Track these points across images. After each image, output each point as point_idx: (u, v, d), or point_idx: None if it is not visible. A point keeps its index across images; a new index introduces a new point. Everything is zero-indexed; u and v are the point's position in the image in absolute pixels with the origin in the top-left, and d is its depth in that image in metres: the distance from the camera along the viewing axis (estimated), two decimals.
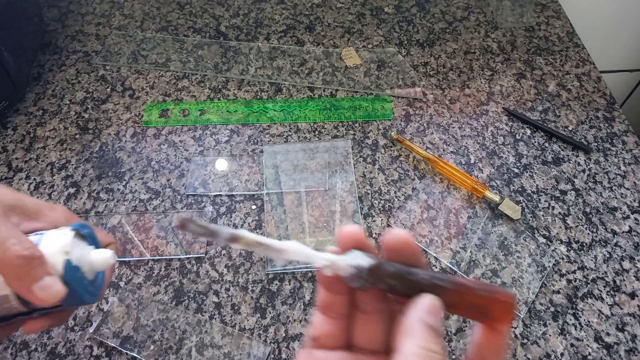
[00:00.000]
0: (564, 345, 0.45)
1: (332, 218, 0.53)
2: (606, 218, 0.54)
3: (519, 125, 0.62)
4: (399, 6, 0.76)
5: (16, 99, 0.62)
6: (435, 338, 0.19)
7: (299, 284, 0.48)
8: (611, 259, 0.51)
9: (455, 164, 0.57)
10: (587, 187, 0.56)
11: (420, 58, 0.69)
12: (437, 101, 0.64)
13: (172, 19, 0.74)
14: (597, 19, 1.04)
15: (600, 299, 0.48)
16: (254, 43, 0.70)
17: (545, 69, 0.68)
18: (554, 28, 0.74)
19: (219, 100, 0.63)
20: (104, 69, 0.67)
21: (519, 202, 0.54)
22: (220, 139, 0.59)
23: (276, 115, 0.62)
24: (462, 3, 0.77)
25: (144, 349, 0.44)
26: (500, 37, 0.72)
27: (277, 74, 0.66)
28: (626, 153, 0.59)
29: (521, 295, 0.48)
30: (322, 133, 0.60)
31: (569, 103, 0.64)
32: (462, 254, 0.50)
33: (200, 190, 0.55)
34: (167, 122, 0.61)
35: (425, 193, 0.55)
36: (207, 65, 0.67)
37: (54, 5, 0.75)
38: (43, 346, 0.44)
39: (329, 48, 0.70)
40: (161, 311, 0.46)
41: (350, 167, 0.57)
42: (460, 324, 0.46)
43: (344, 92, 0.65)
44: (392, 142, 0.59)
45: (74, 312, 0.45)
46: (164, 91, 0.64)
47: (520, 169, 0.57)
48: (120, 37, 0.71)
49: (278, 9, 0.75)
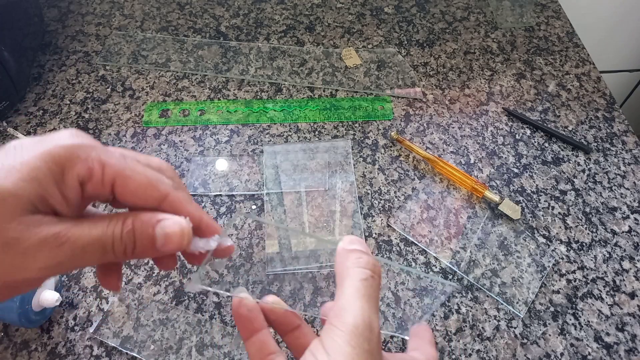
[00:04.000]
0: (564, 345, 0.45)
1: (332, 218, 0.53)
2: (606, 218, 0.54)
3: (519, 125, 0.62)
4: (399, 6, 0.76)
5: (16, 99, 0.62)
6: (366, 256, 0.23)
7: (299, 285, 0.48)
8: (611, 259, 0.51)
9: (455, 164, 0.57)
10: (586, 187, 0.56)
11: (420, 58, 0.69)
12: (437, 101, 0.64)
13: (172, 19, 0.74)
14: (597, 19, 1.04)
15: (600, 299, 0.48)
16: (254, 43, 0.70)
17: (545, 69, 0.68)
18: (553, 28, 0.74)
19: (219, 101, 0.63)
20: (104, 69, 0.67)
21: (519, 202, 0.55)
22: (220, 139, 0.60)
23: (276, 115, 0.62)
24: (462, 3, 0.77)
25: (144, 349, 0.44)
26: (500, 37, 0.72)
27: (277, 74, 0.66)
28: (626, 153, 0.59)
29: (521, 295, 0.48)
30: (322, 133, 0.60)
31: (569, 103, 0.64)
32: (462, 254, 0.50)
33: (200, 190, 0.55)
34: (167, 122, 0.61)
35: (425, 193, 0.55)
36: (207, 65, 0.67)
37: (54, 5, 0.75)
38: (43, 346, 0.44)
39: (329, 48, 0.70)
40: (161, 311, 0.46)
41: (350, 167, 0.57)
42: (460, 324, 0.46)
43: (344, 92, 0.65)
44: (392, 142, 0.59)
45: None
46: (164, 91, 0.64)
47: (520, 169, 0.57)
48: (121, 37, 0.71)
49: (278, 9, 0.75)
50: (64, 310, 0.46)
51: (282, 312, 0.26)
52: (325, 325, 0.21)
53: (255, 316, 0.25)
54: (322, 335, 0.21)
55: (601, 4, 1.01)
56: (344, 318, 0.21)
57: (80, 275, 0.49)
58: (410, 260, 0.50)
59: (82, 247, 0.20)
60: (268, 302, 0.26)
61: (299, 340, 0.27)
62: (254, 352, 0.25)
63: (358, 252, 0.23)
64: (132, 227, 0.21)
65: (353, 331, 0.20)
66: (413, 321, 0.48)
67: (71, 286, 0.48)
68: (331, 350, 0.20)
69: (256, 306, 0.25)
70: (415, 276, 0.48)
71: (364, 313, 0.21)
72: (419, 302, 0.47)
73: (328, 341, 0.20)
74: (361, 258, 0.23)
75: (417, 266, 0.50)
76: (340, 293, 0.22)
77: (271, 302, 0.26)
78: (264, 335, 0.25)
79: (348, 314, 0.21)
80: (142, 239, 0.22)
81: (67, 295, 0.47)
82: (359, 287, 0.22)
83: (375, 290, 0.22)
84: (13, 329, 0.45)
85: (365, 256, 0.23)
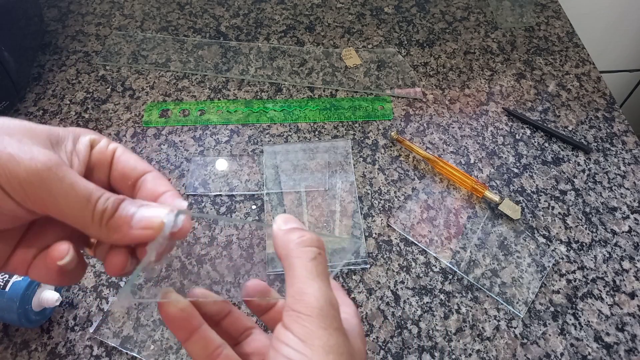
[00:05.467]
0: (564, 345, 0.45)
1: (332, 218, 0.53)
2: (606, 218, 0.54)
3: (519, 125, 0.62)
4: (399, 6, 0.76)
5: (16, 99, 0.62)
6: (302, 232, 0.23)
7: None
8: (611, 259, 0.51)
9: (455, 164, 0.57)
10: (586, 187, 0.56)
11: (420, 58, 0.69)
12: (437, 101, 0.64)
13: (172, 19, 0.74)
14: (597, 19, 1.04)
15: (600, 299, 0.48)
16: (254, 43, 0.70)
17: (545, 69, 0.68)
18: (553, 28, 0.74)
19: (219, 100, 0.63)
20: (104, 69, 0.67)
21: (519, 202, 0.55)
22: (220, 139, 0.60)
23: (276, 115, 0.62)
24: (462, 3, 0.77)
25: (144, 349, 0.44)
26: (500, 37, 0.72)
27: (277, 74, 0.66)
28: (626, 153, 0.59)
29: (521, 295, 0.48)
30: (322, 133, 0.60)
31: (569, 103, 0.64)
32: (462, 253, 0.51)
33: (200, 190, 0.55)
34: (167, 122, 0.61)
35: (425, 193, 0.55)
36: (207, 65, 0.67)
37: (54, 5, 0.75)
38: (43, 346, 0.44)
39: (329, 48, 0.70)
40: None
41: (350, 167, 0.57)
42: (460, 324, 0.46)
43: (344, 92, 0.65)
44: (392, 142, 0.59)
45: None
46: (164, 91, 0.64)
47: (520, 169, 0.57)
48: (121, 37, 0.71)
49: (278, 9, 0.75)
50: (64, 310, 0.46)
51: (212, 303, 0.26)
52: (288, 312, 0.21)
53: (190, 314, 0.24)
54: (288, 323, 0.21)
55: (601, 4, 1.01)
56: (307, 302, 0.21)
57: None
58: (410, 260, 0.50)
59: (70, 184, 0.20)
60: (199, 297, 0.25)
61: (232, 326, 0.27)
62: (198, 351, 0.24)
63: (298, 231, 0.23)
64: (122, 199, 0.22)
65: (320, 314, 0.20)
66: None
67: (71, 286, 0.48)
68: (305, 337, 0.20)
69: (188, 303, 0.24)
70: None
71: (324, 293, 0.21)
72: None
73: (298, 328, 0.20)
74: (304, 237, 0.23)
75: (417, 266, 0.50)
76: (292, 275, 0.22)
77: (201, 296, 0.25)
78: (204, 332, 0.24)
79: (310, 297, 0.21)
80: (123, 212, 0.22)
81: (67, 295, 0.47)
82: (311, 268, 0.22)
83: (325, 267, 0.22)
84: (13, 329, 0.45)
85: (306, 234, 0.23)
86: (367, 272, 0.49)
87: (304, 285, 0.21)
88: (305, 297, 0.21)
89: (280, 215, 0.24)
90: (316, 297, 0.21)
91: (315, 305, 0.20)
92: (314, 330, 0.20)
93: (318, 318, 0.20)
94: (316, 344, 0.20)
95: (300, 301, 0.21)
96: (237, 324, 0.27)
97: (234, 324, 0.27)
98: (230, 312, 0.27)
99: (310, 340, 0.20)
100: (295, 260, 0.22)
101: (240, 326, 0.27)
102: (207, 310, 0.25)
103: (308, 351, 0.20)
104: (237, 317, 0.27)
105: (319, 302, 0.21)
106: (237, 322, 0.27)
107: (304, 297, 0.21)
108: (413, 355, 0.45)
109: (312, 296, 0.21)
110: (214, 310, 0.26)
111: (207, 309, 0.26)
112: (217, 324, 0.26)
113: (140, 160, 0.25)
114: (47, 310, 0.45)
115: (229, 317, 0.27)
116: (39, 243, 0.23)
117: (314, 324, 0.20)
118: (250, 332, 0.27)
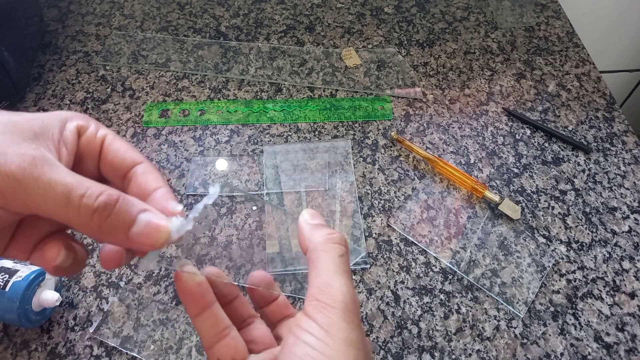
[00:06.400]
0: (564, 345, 0.45)
1: (332, 218, 0.53)
2: (606, 218, 0.54)
3: (519, 125, 0.62)
4: (399, 6, 0.76)
5: (16, 99, 0.62)
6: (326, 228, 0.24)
7: (300, 285, 0.48)
8: (611, 259, 0.51)
9: (455, 164, 0.57)
10: (586, 187, 0.56)
11: (420, 58, 0.69)
12: (437, 101, 0.64)
13: (172, 19, 0.74)
14: (597, 19, 1.04)
15: (600, 299, 0.48)
16: (254, 43, 0.70)
17: (545, 69, 0.68)
18: (553, 28, 0.74)
19: (219, 100, 0.63)
20: (104, 69, 0.67)
21: (519, 202, 0.55)
22: (220, 139, 0.60)
23: (276, 115, 0.62)
24: (462, 3, 0.77)
25: (144, 349, 0.44)
26: (500, 37, 0.72)
27: (277, 74, 0.66)
28: (626, 153, 0.59)
29: (521, 295, 0.48)
30: (322, 133, 0.60)
31: (569, 103, 0.64)
32: (462, 253, 0.51)
33: (200, 190, 0.55)
34: (167, 122, 0.61)
35: (425, 193, 0.55)
36: (207, 65, 0.67)
37: (54, 5, 0.75)
38: (43, 346, 0.44)
39: (329, 48, 0.70)
40: (161, 311, 0.46)
41: (350, 167, 0.57)
42: (460, 324, 0.46)
43: (344, 92, 0.65)
44: (392, 142, 0.59)
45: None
46: (164, 91, 0.64)
47: (520, 169, 0.57)
48: (121, 37, 0.71)
49: (278, 9, 0.75)
50: (64, 310, 0.46)
51: (223, 284, 0.26)
52: (313, 302, 0.21)
53: (206, 290, 0.24)
54: (311, 311, 0.21)
55: (601, 4, 1.01)
56: (334, 295, 0.21)
57: (81, 275, 0.49)
58: (410, 260, 0.50)
59: (47, 182, 0.19)
60: (213, 274, 0.25)
61: (237, 312, 0.27)
62: (207, 327, 0.24)
63: (325, 228, 0.24)
64: (117, 198, 0.20)
65: (346, 307, 0.21)
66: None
67: (71, 286, 0.48)
68: (328, 327, 0.20)
69: (204, 279, 0.24)
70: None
71: (350, 289, 0.21)
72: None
73: (322, 318, 0.21)
74: (333, 234, 0.24)
75: (417, 266, 0.50)
76: (319, 268, 0.22)
77: (215, 274, 0.26)
78: (216, 309, 0.24)
79: (337, 291, 0.21)
80: (120, 215, 0.20)
81: (67, 295, 0.47)
82: (339, 264, 0.22)
83: (349, 266, 0.23)
84: (13, 329, 0.45)
85: (335, 232, 0.24)
86: (367, 272, 0.49)
87: (331, 279, 0.22)
88: (332, 289, 0.21)
89: (307, 210, 0.25)
90: (342, 292, 0.21)
91: (340, 298, 0.21)
92: (337, 322, 0.20)
93: (343, 311, 0.21)
94: (338, 336, 0.20)
95: (327, 293, 0.21)
96: (242, 310, 0.27)
97: (239, 309, 0.27)
98: (237, 296, 0.27)
99: (333, 331, 0.20)
100: (323, 254, 0.23)
101: (244, 312, 0.27)
102: (217, 290, 0.26)
103: (330, 341, 0.20)
104: (243, 303, 0.27)
105: (344, 297, 0.21)
106: (241, 308, 0.27)
107: (331, 289, 0.21)
108: (413, 355, 0.45)
109: (339, 290, 0.21)
110: (224, 292, 0.26)
111: (217, 290, 0.26)
112: (224, 306, 0.26)
113: (130, 149, 0.24)
114: (47, 310, 0.45)
115: (236, 301, 0.27)
116: (38, 232, 0.22)
117: (338, 316, 0.20)
118: (252, 321, 0.27)
